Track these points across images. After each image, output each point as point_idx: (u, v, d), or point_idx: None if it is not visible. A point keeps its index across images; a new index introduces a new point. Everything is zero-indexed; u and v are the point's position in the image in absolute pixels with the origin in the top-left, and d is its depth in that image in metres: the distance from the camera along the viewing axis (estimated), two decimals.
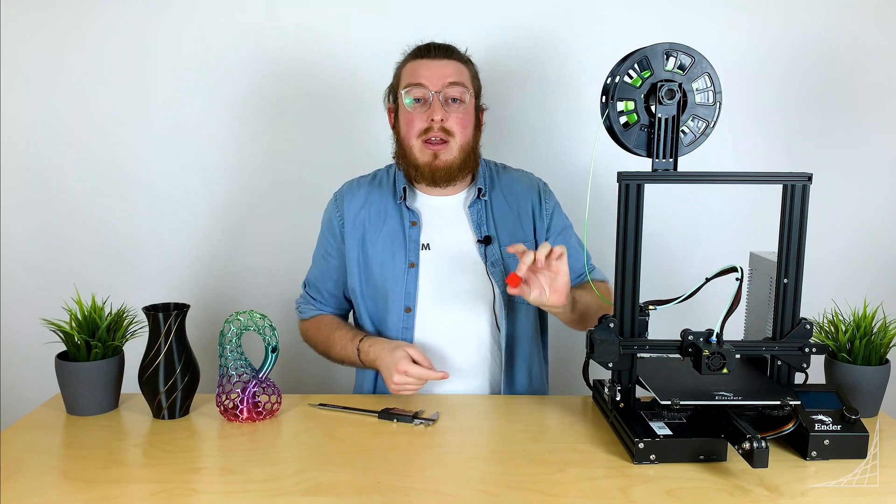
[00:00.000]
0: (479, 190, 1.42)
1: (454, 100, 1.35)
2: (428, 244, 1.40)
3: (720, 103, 1.08)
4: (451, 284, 1.38)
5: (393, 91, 1.43)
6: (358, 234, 1.43)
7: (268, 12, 1.73)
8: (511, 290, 1.15)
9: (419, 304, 1.38)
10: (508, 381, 1.40)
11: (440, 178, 1.37)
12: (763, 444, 0.93)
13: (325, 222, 1.49)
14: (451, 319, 1.38)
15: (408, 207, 1.41)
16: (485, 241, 1.39)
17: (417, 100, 1.35)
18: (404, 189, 1.42)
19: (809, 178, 1.07)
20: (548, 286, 1.17)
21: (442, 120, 1.34)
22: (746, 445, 0.94)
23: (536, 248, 1.41)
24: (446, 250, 1.39)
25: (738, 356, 1.07)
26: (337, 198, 1.48)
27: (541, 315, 1.49)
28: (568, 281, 1.18)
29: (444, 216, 1.42)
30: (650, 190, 1.11)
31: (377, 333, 1.42)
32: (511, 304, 1.40)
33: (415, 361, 1.24)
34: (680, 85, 1.05)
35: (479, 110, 1.43)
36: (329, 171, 1.67)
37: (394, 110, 1.44)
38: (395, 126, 1.43)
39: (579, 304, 1.32)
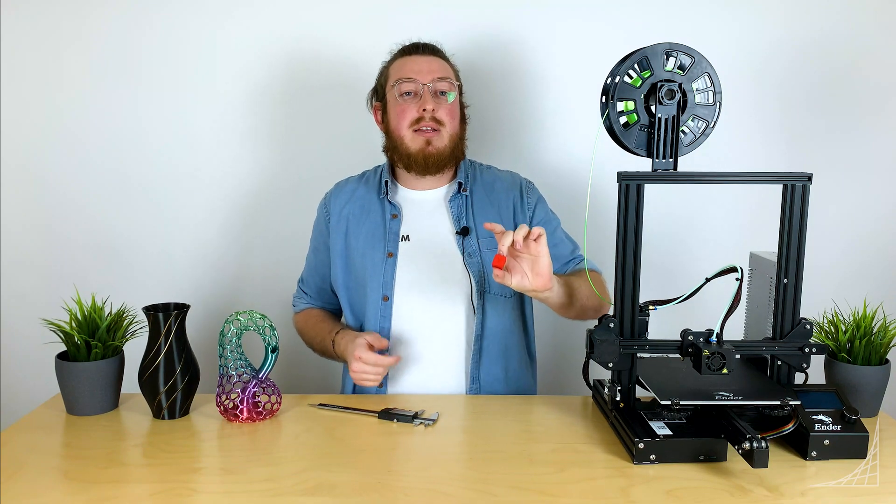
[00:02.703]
0: (460, 184, 1.45)
1: (442, 93, 1.41)
2: (407, 236, 1.43)
3: (720, 103, 1.08)
4: (428, 274, 1.40)
5: (380, 90, 1.49)
6: (342, 227, 1.48)
7: (267, 14, 1.73)
8: (496, 275, 1.13)
9: (396, 293, 1.40)
10: (477, 372, 1.39)
11: (432, 163, 1.40)
12: (763, 444, 0.93)
13: (315, 221, 1.55)
14: (428, 309, 1.40)
15: (390, 202, 1.45)
16: (462, 233, 1.41)
17: (408, 93, 1.40)
18: (386, 183, 1.46)
19: (809, 178, 1.07)
20: (529, 270, 1.15)
21: (433, 110, 1.38)
22: (746, 445, 0.94)
23: None
24: (425, 242, 1.42)
25: (738, 356, 1.07)
26: (325, 196, 1.55)
27: (523, 312, 1.49)
28: (549, 263, 1.15)
29: (425, 210, 1.46)
30: (650, 190, 1.11)
31: (358, 324, 1.45)
32: (486, 296, 1.40)
33: (375, 347, 1.28)
34: (680, 85, 1.05)
35: (462, 106, 1.49)
36: (328, 171, 1.67)
37: (380, 108, 1.48)
38: (383, 122, 1.48)
39: (574, 290, 1.30)
